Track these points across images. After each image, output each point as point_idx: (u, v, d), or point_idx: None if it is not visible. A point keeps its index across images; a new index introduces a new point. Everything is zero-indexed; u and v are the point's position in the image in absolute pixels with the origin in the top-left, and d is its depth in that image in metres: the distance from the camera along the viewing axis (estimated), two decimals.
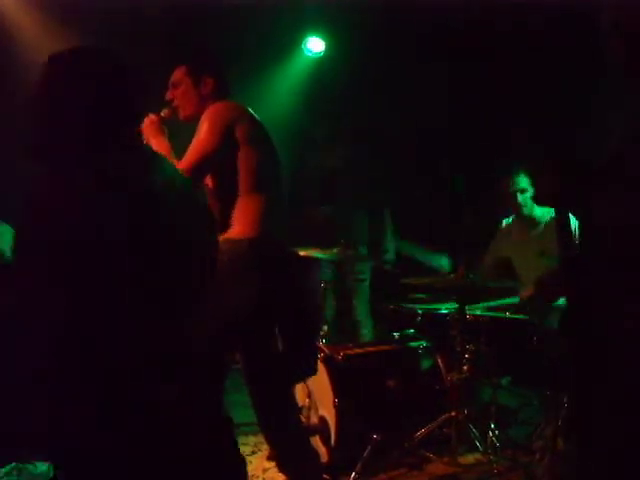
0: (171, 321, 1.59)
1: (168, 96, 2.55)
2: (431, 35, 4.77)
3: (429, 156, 5.27)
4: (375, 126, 5.33)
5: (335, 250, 3.55)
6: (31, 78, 1.68)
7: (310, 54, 5.39)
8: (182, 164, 2.30)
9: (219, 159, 2.33)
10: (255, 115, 2.50)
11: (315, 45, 5.33)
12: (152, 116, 2.48)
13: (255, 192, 2.37)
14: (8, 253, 2.94)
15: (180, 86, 2.53)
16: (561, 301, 3.26)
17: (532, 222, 3.87)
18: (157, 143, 2.40)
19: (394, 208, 4.77)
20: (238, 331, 2.35)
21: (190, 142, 2.37)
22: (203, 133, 2.33)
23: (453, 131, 5.13)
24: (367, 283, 4.63)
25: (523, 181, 3.80)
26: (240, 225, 2.36)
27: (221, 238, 2.39)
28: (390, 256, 4.65)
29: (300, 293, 2.52)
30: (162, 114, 2.52)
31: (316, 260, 3.70)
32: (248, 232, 2.35)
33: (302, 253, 3.41)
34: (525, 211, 3.86)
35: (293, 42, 5.36)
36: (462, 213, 4.50)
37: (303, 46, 5.35)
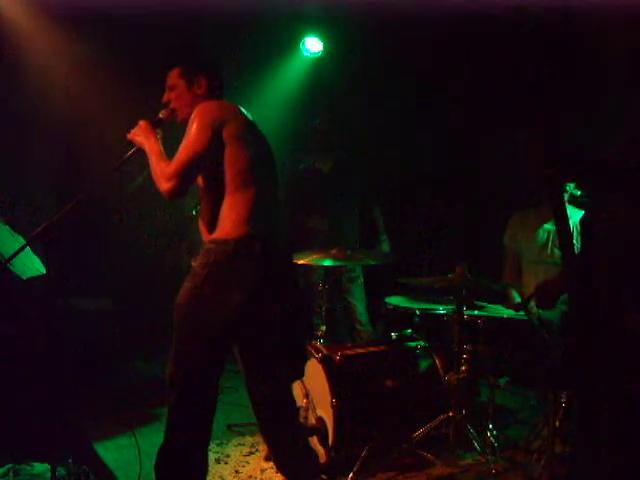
0: None
1: (164, 99, 2.55)
2: (430, 36, 4.77)
3: (428, 154, 5.28)
4: (372, 126, 5.33)
5: (333, 252, 3.55)
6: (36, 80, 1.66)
7: (308, 54, 5.40)
8: (173, 164, 2.28)
9: (209, 158, 2.33)
10: (246, 114, 2.48)
11: (313, 45, 5.34)
12: (141, 122, 2.47)
13: (243, 191, 2.34)
14: (5, 255, 2.94)
15: (175, 89, 2.52)
16: (560, 302, 3.27)
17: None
18: (149, 145, 2.39)
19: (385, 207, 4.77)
20: (230, 331, 2.34)
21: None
22: (192, 132, 2.31)
23: (452, 130, 5.14)
24: (360, 282, 4.62)
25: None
26: (227, 225, 2.34)
27: (209, 238, 2.39)
28: (385, 248, 4.64)
29: (292, 292, 2.49)
30: (161, 115, 2.52)
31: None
32: (234, 232, 2.32)
33: (301, 262, 3.41)
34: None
35: (291, 42, 5.36)
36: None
37: (301, 46, 5.35)
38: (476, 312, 3.56)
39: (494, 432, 3.32)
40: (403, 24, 4.68)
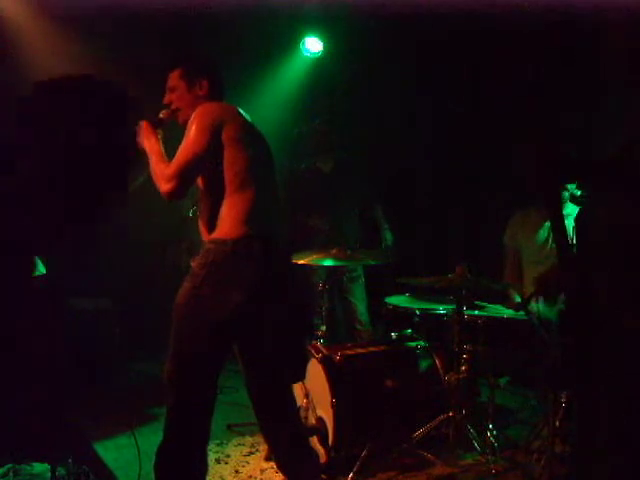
0: None
1: (165, 100, 2.55)
2: (430, 36, 4.77)
3: (429, 155, 5.28)
4: (372, 126, 5.33)
5: (333, 251, 3.55)
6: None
7: (308, 54, 5.40)
8: (172, 166, 2.29)
9: (208, 159, 2.33)
10: (245, 115, 2.49)
11: (313, 45, 5.34)
12: (142, 122, 2.47)
13: (242, 192, 2.35)
14: None
15: (176, 90, 2.53)
16: (559, 302, 3.27)
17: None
18: (150, 146, 2.39)
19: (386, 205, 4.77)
20: (229, 331, 2.34)
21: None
22: (192, 134, 2.32)
23: (452, 130, 5.14)
24: (362, 281, 4.62)
25: None
26: (226, 225, 2.34)
27: (208, 238, 2.39)
28: (388, 237, 4.62)
29: (292, 292, 2.49)
30: (161, 115, 2.52)
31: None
32: (233, 232, 2.33)
33: (301, 262, 3.41)
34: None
35: (291, 42, 5.36)
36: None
37: (301, 46, 5.35)
38: (476, 312, 3.56)
39: (494, 432, 3.32)
40: (403, 24, 4.69)
